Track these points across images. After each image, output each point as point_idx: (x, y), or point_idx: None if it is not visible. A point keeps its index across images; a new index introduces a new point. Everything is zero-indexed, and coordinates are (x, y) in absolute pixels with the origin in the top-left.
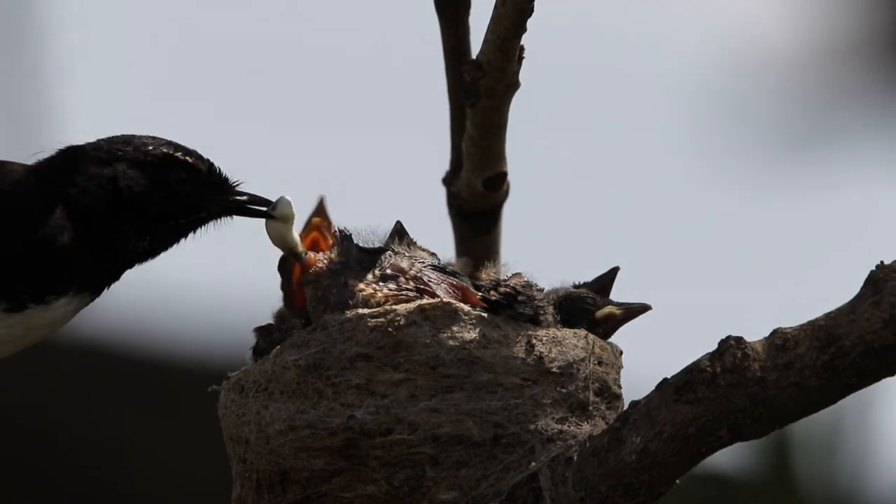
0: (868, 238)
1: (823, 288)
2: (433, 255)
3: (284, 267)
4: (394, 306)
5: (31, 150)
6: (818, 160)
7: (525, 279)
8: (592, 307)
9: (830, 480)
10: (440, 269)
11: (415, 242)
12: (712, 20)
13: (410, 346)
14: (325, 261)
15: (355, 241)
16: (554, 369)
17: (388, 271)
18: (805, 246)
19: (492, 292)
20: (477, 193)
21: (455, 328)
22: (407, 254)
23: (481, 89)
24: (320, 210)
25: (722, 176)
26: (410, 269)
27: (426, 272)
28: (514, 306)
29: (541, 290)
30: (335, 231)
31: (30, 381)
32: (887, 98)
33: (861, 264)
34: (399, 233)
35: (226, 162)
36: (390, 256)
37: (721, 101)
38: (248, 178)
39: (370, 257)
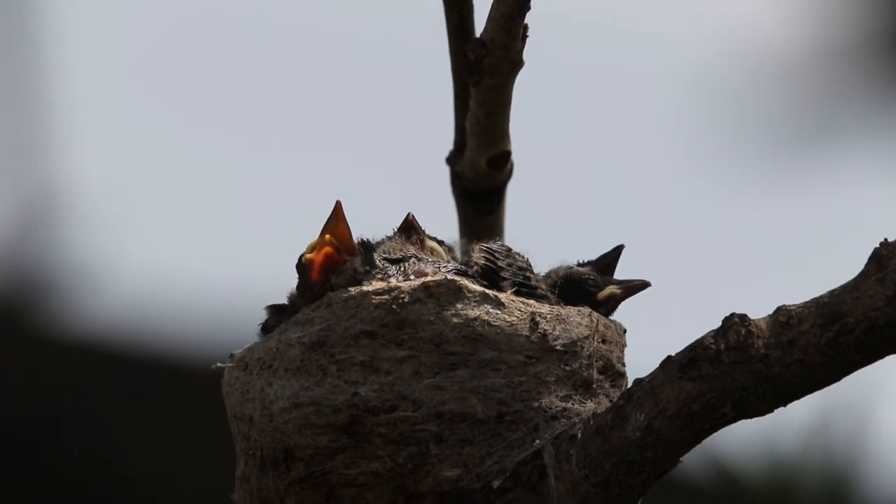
0: (873, 232)
1: (827, 265)
2: (441, 242)
3: (304, 270)
4: (398, 284)
5: (31, 152)
6: (819, 159)
7: (500, 245)
8: (594, 288)
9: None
10: (463, 272)
11: (425, 233)
12: (713, 15)
13: (415, 323)
14: (351, 270)
15: (377, 252)
16: (558, 347)
17: (412, 277)
18: (808, 227)
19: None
20: (481, 173)
21: (459, 305)
22: (430, 259)
23: (485, 68)
24: (337, 215)
25: (731, 167)
26: (434, 274)
27: (450, 277)
28: (497, 272)
29: (523, 257)
30: (357, 242)
31: (29, 378)
32: (887, 98)
33: (863, 248)
34: (410, 226)
35: (227, 149)
36: (415, 263)
37: (725, 94)
38: (248, 161)
39: (394, 265)
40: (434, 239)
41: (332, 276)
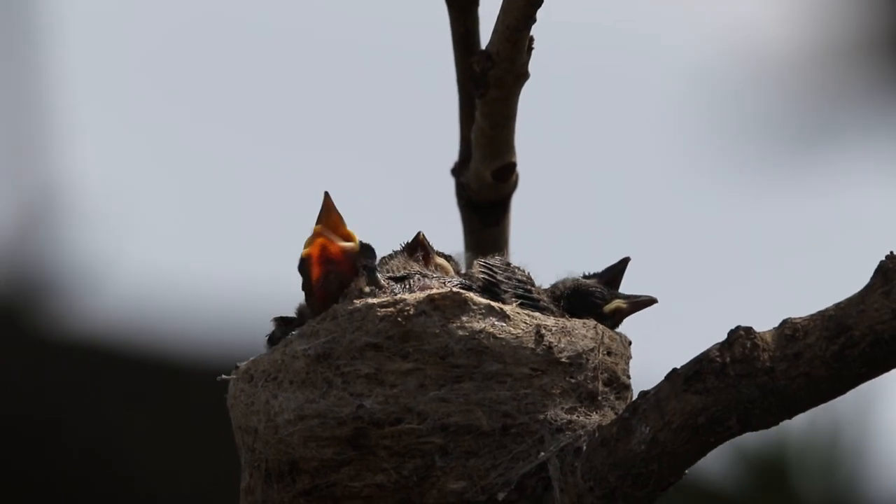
0: (874, 232)
1: (827, 265)
2: (448, 258)
3: (304, 268)
4: (403, 296)
5: (31, 152)
6: (819, 159)
7: (500, 259)
8: (601, 301)
9: (829, 497)
10: (467, 287)
11: (433, 250)
12: (713, 15)
13: (420, 335)
14: (356, 291)
15: (379, 271)
16: (563, 359)
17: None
18: (808, 227)
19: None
20: (486, 184)
21: (464, 318)
22: (436, 274)
23: (491, 80)
24: (327, 206)
25: (731, 167)
26: (440, 289)
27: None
28: (497, 285)
29: (523, 271)
30: (359, 267)
31: (29, 378)
32: (887, 98)
33: (869, 257)
34: (419, 245)
35: (227, 149)
36: (419, 280)
37: (726, 98)
38: (248, 161)
39: (399, 283)
40: (441, 254)
41: (340, 297)
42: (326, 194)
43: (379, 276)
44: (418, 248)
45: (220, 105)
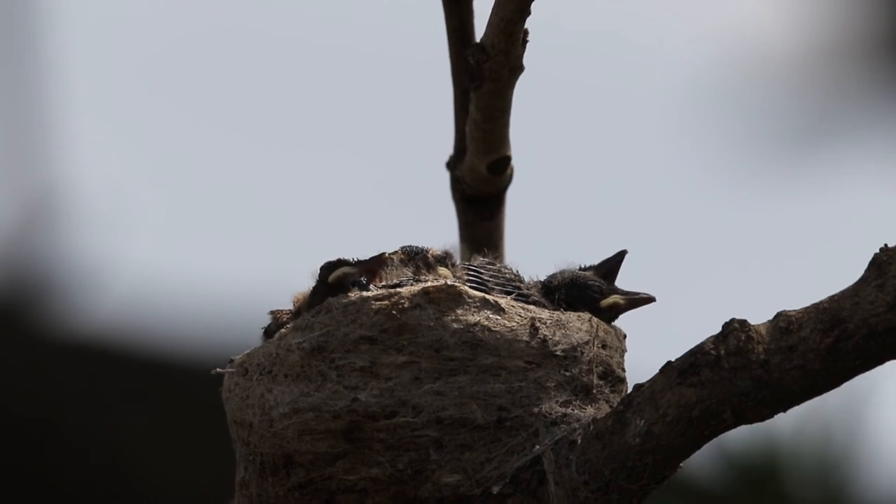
0: (870, 230)
1: (827, 265)
2: (445, 257)
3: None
4: (398, 289)
5: (31, 153)
6: (819, 159)
7: (484, 260)
8: (598, 295)
9: (823, 497)
10: None
11: (437, 260)
12: (713, 16)
13: (415, 328)
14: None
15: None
16: (558, 352)
17: None
18: (808, 227)
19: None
20: (481, 177)
21: (459, 311)
22: (431, 278)
23: (485, 73)
24: (381, 261)
25: (727, 163)
26: (435, 282)
27: (449, 283)
28: (485, 284)
29: (509, 269)
30: (348, 283)
31: (29, 378)
32: (887, 98)
33: (865, 253)
34: (426, 262)
35: (227, 150)
36: (413, 285)
37: (724, 95)
38: (249, 162)
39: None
40: (443, 260)
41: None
42: (384, 254)
43: (372, 287)
44: (426, 265)
45: (220, 107)
